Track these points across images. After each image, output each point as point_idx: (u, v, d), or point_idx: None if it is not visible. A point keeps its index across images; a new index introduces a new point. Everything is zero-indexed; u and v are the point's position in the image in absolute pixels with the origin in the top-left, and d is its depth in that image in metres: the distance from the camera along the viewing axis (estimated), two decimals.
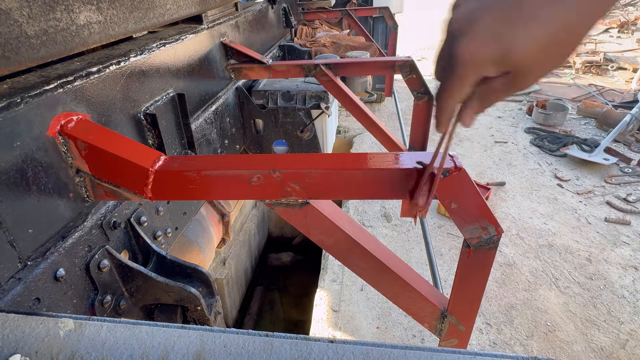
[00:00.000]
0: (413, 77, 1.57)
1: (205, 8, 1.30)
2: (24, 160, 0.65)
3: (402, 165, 0.63)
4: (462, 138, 4.70)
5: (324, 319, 2.42)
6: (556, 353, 2.17)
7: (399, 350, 0.43)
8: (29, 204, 0.67)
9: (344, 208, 3.46)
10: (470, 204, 0.64)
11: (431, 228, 3.17)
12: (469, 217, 0.65)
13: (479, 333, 2.30)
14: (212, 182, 0.67)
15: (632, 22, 8.60)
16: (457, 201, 0.64)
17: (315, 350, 0.43)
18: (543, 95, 5.80)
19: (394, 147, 1.73)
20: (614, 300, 2.49)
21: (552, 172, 3.92)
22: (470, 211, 0.65)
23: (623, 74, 6.43)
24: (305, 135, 1.82)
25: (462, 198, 0.64)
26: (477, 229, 0.66)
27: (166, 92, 1.09)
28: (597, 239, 3.02)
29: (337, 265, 2.79)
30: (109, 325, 0.47)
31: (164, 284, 0.84)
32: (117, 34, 0.86)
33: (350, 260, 0.78)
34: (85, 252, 0.79)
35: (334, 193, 0.67)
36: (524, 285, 2.63)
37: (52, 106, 0.70)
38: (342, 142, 4.68)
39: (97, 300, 0.81)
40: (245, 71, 1.59)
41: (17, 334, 0.46)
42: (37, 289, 0.67)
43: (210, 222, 1.51)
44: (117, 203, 0.89)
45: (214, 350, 0.43)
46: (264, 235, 4.46)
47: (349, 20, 3.30)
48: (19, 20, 0.61)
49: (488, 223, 0.66)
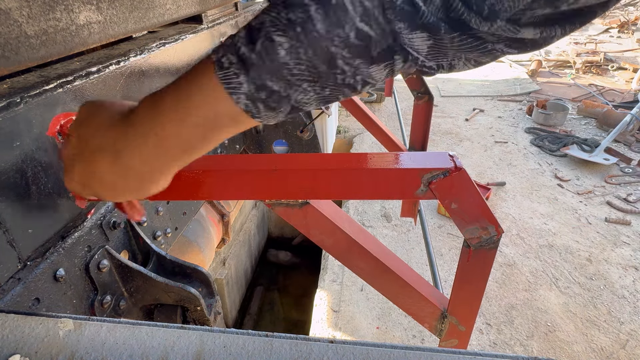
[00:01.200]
0: (413, 77, 1.57)
1: (205, 8, 1.30)
2: (23, 160, 0.65)
3: (402, 165, 0.63)
4: (462, 138, 4.70)
5: (324, 319, 2.42)
6: (556, 353, 2.17)
7: (399, 350, 0.43)
8: (29, 204, 0.67)
9: (344, 208, 3.46)
10: (470, 204, 0.64)
11: (431, 228, 3.17)
12: (469, 217, 0.65)
13: (479, 333, 2.30)
14: (212, 182, 0.67)
15: (632, 22, 8.60)
16: (457, 201, 0.64)
17: (315, 351, 0.43)
18: (543, 95, 5.80)
19: (394, 147, 1.73)
20: (614, 300, 2.49)
21: (552, 172, 3.92)
22: (470, 211, 0.64)
23: (623, 74, 6.43)
24: (305, 135, 1.82)
25: (462, 198, 0.64)
26: (477, 229, 0.66)
27: None
28: (598, 239, 3.02)
29: (337, 265, 2.79)
30: (108, 326, 0.46)
31: (164, 284, 0.84)
32: (117, 33, 0.86)
33: (350, 260, 0.78)
34: (85, 252, 0.79)
35: (334, 193, 0.67)
36: (524, 286, 2.63)
37: (52, 106, 0.70)
38: (342, 142, 4.68)
39: (97, 300, 0.80)
40: None
41: (16, 334, 0.46)
42: (36, 289, 0.67)
43: (210, 222, 1.51)
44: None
45: (213, 351, 0.43)
46: (264, 235, 4.46)
47: None
48: (18, 20, 0.61)
49: (488, 223, 0.65)
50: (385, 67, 0.37)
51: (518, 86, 6.22)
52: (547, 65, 7.11)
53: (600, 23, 8.95)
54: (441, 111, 5.46)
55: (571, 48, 7.60)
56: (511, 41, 0.34)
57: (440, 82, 6.60)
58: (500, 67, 7.30)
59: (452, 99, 5.95)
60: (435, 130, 4.89)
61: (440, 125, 5.02)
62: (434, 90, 6.19)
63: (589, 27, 9.07)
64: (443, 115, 5.34)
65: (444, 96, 6.04)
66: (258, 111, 0.38)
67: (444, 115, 5.37)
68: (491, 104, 5.70)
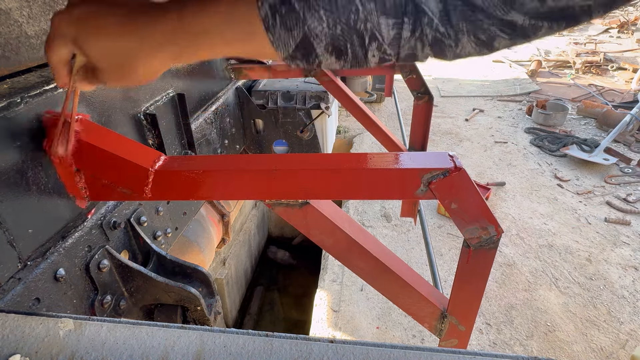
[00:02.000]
0: (413, 77, 1.57)
1: None
2: (24, 160, 0.65)
3: (402, 166, 0.63)
4: (462, 138, 4.70)
5: (324, 319, 2.42)
6: (556, 353, 2.17)
7: (399, 350, 0.43)
8: (29, 204, 0.67)
9: (344, 208, 3.46)
10: (470, 204, 0.64)
11: (431, 228, 3.17)
12: (469, 217, 0.65)
13: (479, 333, 2.30)
14: (212, 182, 0.67)
15: (632, 22, 8.60)
16: (457, 201, 0.64)
17: (315, 351, 0.43)
18: (543, 95, 5.80)
19: (394, 147, 1.73)
20: (614, 300, 2.50)
21: (552, 172, 3.92)
22: (470, 211, 0.65)
23: (623, 74, 6.43)
24: (305, 135, 1.82)
25: (462, 198, 0.64)
26: (477, 229, 0.66)
27: (166, 92, 1.09)
28: (597, 239, 3.02)
29: (337, 265, 2.79)
30: (108, 326, 0.47)
31: (164, 284, 0.84)
32: None
33: (350, 260, 0.78)
34: (85, 252, 0.79)
35: (334, 193, 0.67)
36: (523, 286, 2.63)
37: (52, 106, 0.70)
38: (342, 142, 4.68)
39: (97, 300, 0.81)
40: (245, 71, 1.59)
41: (17, 334, 0.46)
42: (37, 289, 0.67)
43: (210, 222, 1.51)
44: (117, 203, 0.89)
45: (213, 350, 0.43)
46: (264, 235, 4.46)
47: None
48: (19, 20, 0.61)
49: (488, 223, 0.66)
50: (394, 26, 0.38)
51: (518, 86, 6.22)
52: (547, 66, 7.11)
53: (600, 23, 8.95)
54: (441, 111, 5.46)
55: (571, 48, 7.60)
56: (503, 24, 0.37)
57: (440, 82, 6.60)
58: (500, 67, 7.31)
59: (452, 99, 5.95)
60: (435, 130, 4.89)
61: (440, 125, 5.02)
62: (434, 90, 6.19)
63: (589, 27, 9.07)
64: (443, 116, 5.34)
65: (444, 96, 6.04)
66: (274, 24, 0.40)
67: (444, 115, 5.37)
68: (491, 104, 5.71)
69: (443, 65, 7.40)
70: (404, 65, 1.56)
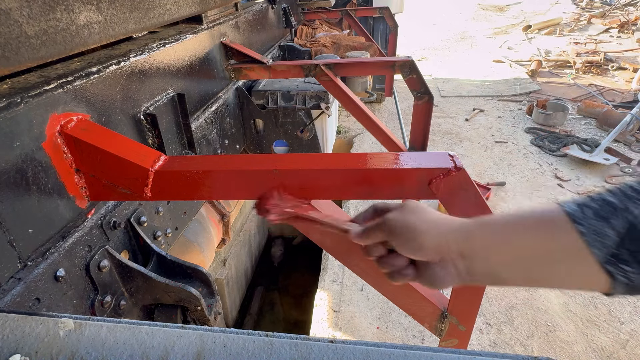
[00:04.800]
0: (413, 77, 1.57)
1: (205, 8, 1.30)
2: (24, 160, 0.65)
3: (402, 166, 0.63)
4: (462, 138, 4.70)
5: (324, 319, 2.42)
6: (556, 353, 2.17)
7: (399, 350, 0.43)
8: (29, 204, 0.67)
9: (344, 208, 3.45)
10: (470, 203, 0.64)
11: None
12: (469, 217, 0.65)
13: (479, 333, 2.30)
14: (212, 182, 0.67)
15: (632, 22, 8.59)
16: (457, 201, 0.64)
17: (315, 351, 0.43)
18: (543, 95, 5.80)
19: (394, 147, 1.73)
20: (614, 300, 2.49)
21: (552, 172, 3.92)
22: (471, 211, 0.65)
23: (623, 74, 6.43)
24: (305, 135, 1.82)
25: (462, 198, 0.64)
26: None
27: (166, 92, 1.09)
28: None
29: (337, 265, 2.79)
30: (109, 326, 0.46)
31: (164, 284, 0.84)
32: (117, 34, 0.86)
33: (350, 260, 0.78)
34: (85, 252, 0.79)
35: (334, 193, 0.67)
36: None
37: (52, 106, 0.70)
38: (342, 142, 4.68)
39: (97, 300, 0.80)
40: (245, 71, 1.59)
41: (17, 334, 0.46)
42: (37, 289, 0.67)
43: (210, 222, 1.51)
44: (117, 203, 0.89)
45: (214, 350, 0.43)
46: (264, 235, 4.45)
47: (348, 21, 3.30)
48: (19, 20, 0.61)
49: None
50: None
51: (518, 86, 6.21)
52: (547, 65, 7.10)
53: (600, 23, 8.95)
54: (441, 111, 5.46)
55: (571, 48, 7.60)
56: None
57: (440, 82, 6.60)
58: (501, 67, 7.30)
59: (452, 99, 5.95)
60: (435, 130, 4.89)
61: (440, 125, 5.02)
62: (434, 90, 6.19)
63: (589, 27, 9.07)
64: (443, 115, 5.34)
65: (444, 96, 6.04)
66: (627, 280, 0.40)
67: (444, 115, 5.37)
68: (491, 104, 5.70)
69: (443, 65, 7.40)
70: (404, 65, 1.56)
